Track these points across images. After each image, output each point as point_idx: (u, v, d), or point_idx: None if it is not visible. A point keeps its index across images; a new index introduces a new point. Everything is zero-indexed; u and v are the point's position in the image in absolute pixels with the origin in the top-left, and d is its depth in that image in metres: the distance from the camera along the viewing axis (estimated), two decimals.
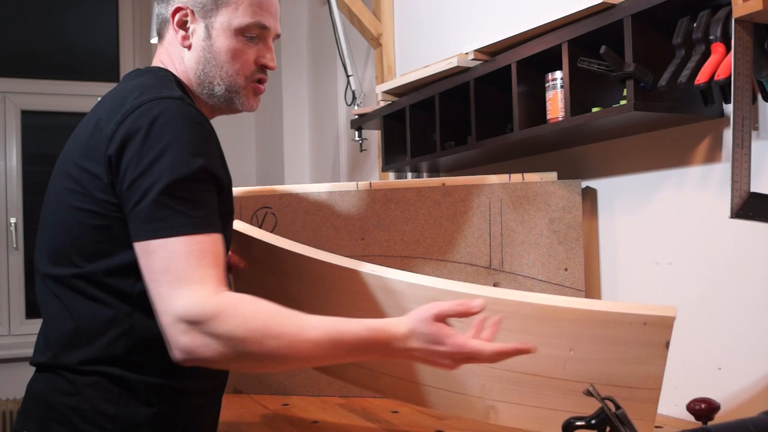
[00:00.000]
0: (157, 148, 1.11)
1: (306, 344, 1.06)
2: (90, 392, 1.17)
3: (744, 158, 1.25)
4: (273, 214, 1.89)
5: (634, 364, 1.21)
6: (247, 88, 1.29)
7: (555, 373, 1.30)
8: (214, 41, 1.25)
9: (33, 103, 3.88)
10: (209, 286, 1.07)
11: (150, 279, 1.09)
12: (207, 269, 1.08)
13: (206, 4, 1.25)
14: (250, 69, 1.27)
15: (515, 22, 1.86)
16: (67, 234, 1.19)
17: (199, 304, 1.05)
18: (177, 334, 1.06)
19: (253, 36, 1.26)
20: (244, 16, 1.24)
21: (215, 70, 1.26)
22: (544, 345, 1.26)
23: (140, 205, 1.10)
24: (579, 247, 1.76)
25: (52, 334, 1.21)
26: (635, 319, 1.19)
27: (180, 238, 1.08)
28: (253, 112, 1.33)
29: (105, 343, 1.17)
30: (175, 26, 1.26)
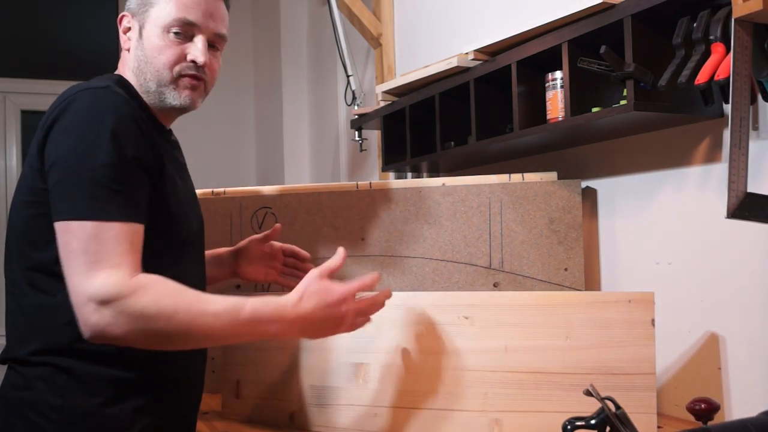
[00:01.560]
0: (77, 133, 1.16)
1: (208, 317, 1.14)
2: (39, 385, 1.21)
3: (741, 158, 1.26)
4: (273, 214, 1.89)
5: (627, 347, 1.34)
6: (177, 83, 1.30)
7: (554, 367, 1.35)
8: (145, 40, 1.30)
9: (33, 103, 3.88)
10: (124, 270, 1.13)
11: (66, 258, 1.14)
12: (123, 255, 1.14)
13: (140, 5, 1.31)
14: (178, 63, 1.29)
15: (515, 22, 1.86)
16: (17, 229, 1.26)
17: (113, 285, 1.11)
18: (88, 313, 1.11)
19: (179, 32, 1.29)
20: (171, 13, 1.28)
21: (146, 66, 1.30)
22: (542, 336, 1.38)
23: (61, 184, 1.16)
24: (579, 247, 1.76)
25: (9, 329, 1.27)
26: (621, 297, 1.37)
27: (101, 222, 1.13)
28: (195, 109, 1.35)
29: (51, 332, 1.21)
30: (122, 32, 1.33)
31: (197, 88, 1.33)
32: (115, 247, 1.13)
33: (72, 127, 1.17)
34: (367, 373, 1.48)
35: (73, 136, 1.16)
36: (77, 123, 1.17)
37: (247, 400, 1.63)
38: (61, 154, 1.17)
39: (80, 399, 1.21)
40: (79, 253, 1.13)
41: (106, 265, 1.12)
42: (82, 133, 1.16)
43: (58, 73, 3.94)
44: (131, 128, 1.19)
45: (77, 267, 1.13)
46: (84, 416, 1.20)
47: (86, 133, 1.16)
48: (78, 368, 1.20)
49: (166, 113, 1.36)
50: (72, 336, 1.19)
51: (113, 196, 1.15)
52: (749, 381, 1.44)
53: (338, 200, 1.87)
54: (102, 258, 1.12)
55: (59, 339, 1.21)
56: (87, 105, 1.19)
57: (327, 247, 1.86)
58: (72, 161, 1.15)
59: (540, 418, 1.36)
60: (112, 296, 1.11)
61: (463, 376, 1.41)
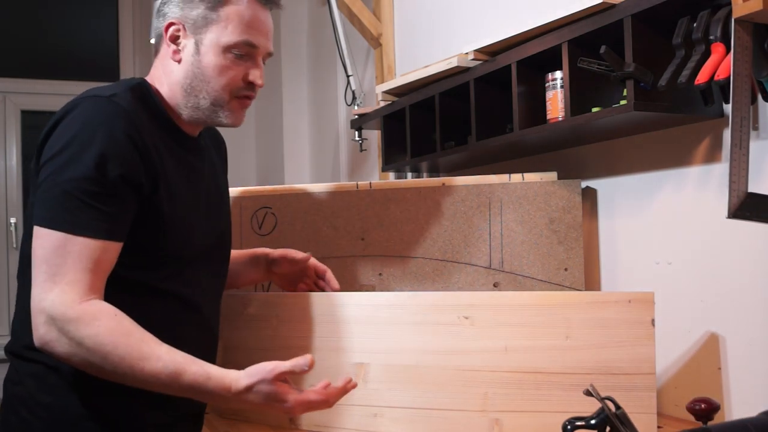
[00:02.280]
0: (64, 141, 1.16)
1: (144, 373, 1.12)
2: (30, 382, 1.23)
3: (742, 158, 1.26)
4: (273, 214, 1.89)
5: (627, 347, 1.34)
6: (232, 103, 1.30)
7: (554, 367, 1.35)
8: (203, 57, 1.27)
9: (33, 103, 3.88)
10: (77, 290, 1.12)
11: (33, 263, 1.16)
12: (81, 273, 1.13)
13: (197, 20, 1.27)
14: (237, 85, 1.29)
15: (515, 22, 1.86)
16: (25, 229, 1.26)
17: (62, 305, 1.11)
18: (38, 323, 1.13)
19: (241, 54, 1.27)
20: (233, 34, 1.26)
21: (202, 84, 1.28)
22: (542, 336, 1.38)
23: (42, 189, 1.17)
24: (579, 247, 1.76)
25: (14, 320, 1.29)
26: (621, 297, 1.36)
27: (66, 235, 1.14)
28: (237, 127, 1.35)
29: None
30: (168, 40, 1.29)
31: (247, 108, 1.34)
32: (75, 264, 1.13)
33: (63, 134, 1.17)
34: (367, 373, 1.48)
35: (61, 144, 1.16)
36: (68, 132, 1.17)
37: None
38: (48, 158, 1.17)
39: (69, 399, 1.21)
40: (41, 262, 1.14)
41: (62, 280, 1.12)
42: (70, 143, 1.16)
43: (58, 73, 3.95)
44: (121, 144, 1.17)
45: (38, 275, 1.14)
46: (73, 417, 1.21)
47: (73, 144, 1.16)
48: (68, 369, 1.20)
49: (195, 123, 1.34)
50: None
51: (86, 211, 1.14)
52: (749, 381, 1.44)
53: (338, 200, 1.87)
54: (60, 272, 1.12)
55: None
56: (83, 116, 1.18)
57: (327, 247, 1.86)
58: (54, 168, 1.16)
59: (540, 418, 1.36)
60: (59, 316, 1.11)
61: (463, 376, 1.40)
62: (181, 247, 1.29)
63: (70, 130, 1.17)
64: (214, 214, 1.42)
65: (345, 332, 1.50)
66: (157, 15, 1.32)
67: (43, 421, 1.21)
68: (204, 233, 1.36)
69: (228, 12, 1.26)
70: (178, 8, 1.28)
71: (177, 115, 1.32)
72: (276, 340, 1.57)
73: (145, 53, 4.00)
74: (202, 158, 1.39)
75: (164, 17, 1.30)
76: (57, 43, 3.99)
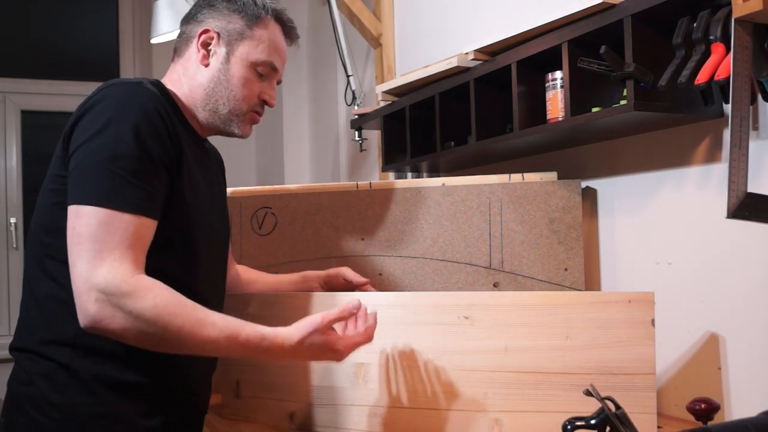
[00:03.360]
0: (101, 122, 1.18)
1: (203, 337, 1.15)
2: (41, 382, 1.23)
3: (742, 158, 1.26)
4: (273, 214, 1.89)
5: (627, 347, 1.34)
6: (246, 116, 1.39)
7: (554, 367, 1.35)
8: (231, 66, 1.36)
9: (33, 103, 3.88)
10: (128, 264, 1.14)
11: (73, 242, 1.15)
12: (129, 249, 1.15)
13: (232, 33, 1.36)
14: (254, 100, 1.39)
15: (515, 22, 1.86)
16: (39, 216, 1.28)
17: (116, 278, 1.12)
18: (89, 301, 1.12)
19: (262, 73, 1.38)
20: (262, 53, 1.37)
21: (225, 91, 1.36)
22: (542, 336, 1.38)
23: (78, 171, 1.17)
24: (579, 247, 1.76)
25: (21, 317, 1.30)
26: (621, 297, 1.36)
27: (112, 211, 1.14)
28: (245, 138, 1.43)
29: (59, 323, 1.22)
30: (199, 45, 1.36)
31: (256, 123, 1.43)
32: (123, 239, 1.14)
33: (98, 116, 1.19)
34: (367, 373, 1.48)
35: (97, 124, 1.18)
36: (103, 113, 1.19)
37: (247, 400, 1.63)
38: (84, 140, 1.18)
39: (80, 398, 1.21)
40: (86, 239, 1.13)
41: (110, 255, 1.13)
42: (107, 123, 1.18)
43: (58, 73, 3.95)
44: (155, 123, 1.21)
45: (83, 252, 1.13)
46: (83, 416, 1.21)
47: (110, 123, 1.18)
48: (79, 367, 1.21)
49: (208, 130, 1.41)
50: (78, 331, 1.19)
51: (128, 188, 1.16)
52: (749, 381, 1.44)
53: (338, 200, 1.87)
54: (108, 247, 1.13)
55: (65, 331, 1.22)
56: (116, 97, 1.21)
57: (327, 247, 1.86)
58: (93, 148, 1.17)
59: (540, 418, 1.36)
60: (113, 290, 1.11)
61: (463, 376, 1.41)
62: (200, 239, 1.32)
63: (105, 112, 1.19)
64: (223, 220, 1.47)
65: None
66: (190, 20, 1.39)
67: (56, 421, 1.21)
68: (216, 235, 1.41)
69: (261, 33, 1.37)
70: (215, 18, 1.37)
71: (191, 116, 1.37)
72: None
73: (145, 53, 4.00)
74: (211, 161, 1.46)
75: (199, 24, 1.37)
76: (57, 43, 3.99)
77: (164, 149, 1.22)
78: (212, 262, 1.39)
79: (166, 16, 2.64)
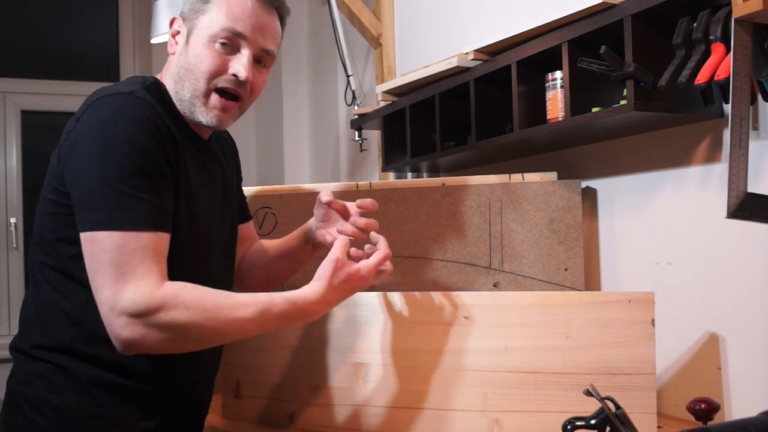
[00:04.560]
0: (100, 141, 1.14)
1: (239, 320, 1.15)
2: (37, 381, 1.23)
3: (741, 158, 1.25)
4: (273, 214, 1.89)
5: (627, 347, 1.34)
6: (209, 97, 1.26)
7: (554, 367, 1.36)
8: (190, 46, 1.26)
9: (33, 103, 3.88)
10: (151, 281, 1.12)
11: (94, 270, 1.13)
12: (150, 265, 1.13)
13: (191, 12, 1.27)
14: (217, 75, 1.25)
15: (515, 22, 1.86)
16: (39, 221, 1.26)
17: (142, 299, 1.10)
18: (119, 326, 1.11)
19: (225, 43, 1.24)
20: (219, 22, 1.24)
21: (186, 73, 1.26)
22: (542, 336, 1.38)
23: (87, 195, 1.14)
24: (579, 247, 1.76)
25: (21, 317, 1.30)
26: (621, 297, 1.36)
27: (128, 233, 1.12)
28: (222, 128, 1.32)
29: (56, 331, 1.22)
30: (170, 36, 1.30)
31: (229, 110, 1.28)
32: (143, 259, 1.12)
33: (92, 134, 1.15)
34: (367, 373, 1.48)
35: (94, 144, 1.15)
36: (98, 131, 1.15)
37: (247, 400, 1.63)
38: (84, 163, 1.15)
39: (76, 399, 1.21)
40: (106, 265, 1.11)
41: (133, 277, 1.11)
42: (104, 141, 1.14)
43: (58, 73, 3.94)
44: (152, 134, 1.17)
45: (105, 279, 1.11)
46: (79, 417, 1.21)
47: (107, 141, 1.14)
48: (76, 369, 1.21)
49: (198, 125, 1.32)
50: (74, 337, 1.20)
51: (138, 205, 1.13)
52: (749, 381, 1.44)
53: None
54: (129, 270, 1.11)
55: (62, 338, 1.22)
56: (107, 112, 1.17)
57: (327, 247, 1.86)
58: (95, 171, 1.14)
59: (540, 418, 1.36)
60: (143, 310, 1.10)
61: (463, 376, 1.41)
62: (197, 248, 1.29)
63: (102, 129, 1.15)
64: (225, 222, 1.43)
65: (345, 332, 1.50)
66: None
67: (50, 421, 1.21)
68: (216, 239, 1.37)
69: (219, 2, 1.25)
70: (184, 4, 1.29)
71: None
72: (276, 340, 1.57)
73: (145, 53, 4.00)
74: (213, 162, 1.39)
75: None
76: (57, 43, 3.98)
77: (166, 159, 1.19)
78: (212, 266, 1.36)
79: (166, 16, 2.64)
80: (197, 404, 1.38)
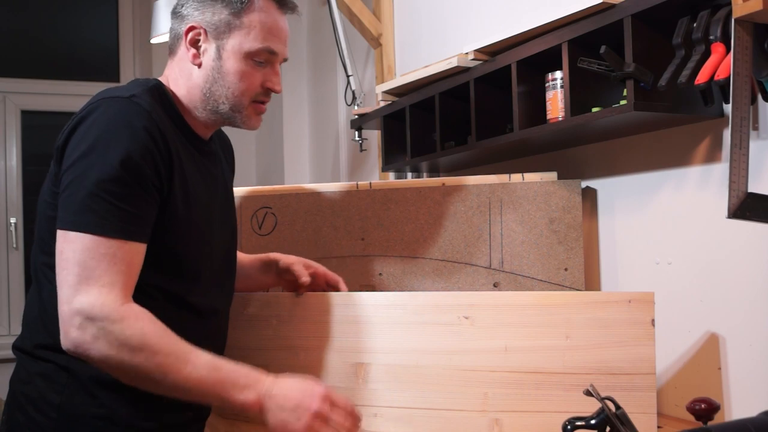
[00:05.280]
0: (88, 143, 1.15)
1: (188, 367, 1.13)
2: (39, 381, 1.23)
3: (742, 158, 1.25)
4: (273, 214, 1.89)
5: (627, 347, 1.34)
6: (249, 108, 1.32)
7: (554, 367, 1.35)
8: (224, 62, 1.28)
9: (33, 103, 3.88)
10: (117, 292, 1.12)
11: (60, 267, 1.14)
12: (117, 275, 1.13)
13: (219, 26, 1.27)
14: (256, 91, 1.31)
15: (515, 22, 1.86)
16: (40, 223, 1.26)
17: (104, 306, 1.10)
18: (71, 326, 1.11)
19: (261, 61, 1.29)
20: (255, 41, 1.28)
21: (222, 89, 1.29)
22: (542, 336, 1.38)
23: (66, 194, 1.15)
24: (579, 247, 1.76)
25: (25, 316, 1.30)
26: (621, 297, 1.37)
27: (98, 237, 1.13)
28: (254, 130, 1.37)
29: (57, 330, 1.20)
30: (188, 44, 1.29)
31: (263, 113, 1.35)
32: (110, 266, 1.12)
33: (86, 137, 1.16)
34: (367, 373, 1.48)
35: (84, 146, 1.16)
36: (92, 134, 1.16)
37: None
38: (71, 161, 1.16)
39: (78, 399, 1.22)
40: (72, 264, 1.12)
41: (97, 282, 1.12)
42: (94, 145, 1.15)
43: (58, 73, 3.94)
44: (144, 143, 1.17)
45: (69, 278, 1.12)
46: (81, 416, 1.21)
47: (97, 145, 1.15)
48: (79, 369, 1.21)
49: (212, 125, 1.35)
50: None
51: (114, 212, 1.14)
52: (749, 381, 1.43)
53: (338, 200, 1.87)
54: (94, 275, 1.12)
55: None
56: (105, 116, 1.17)
57: (327, 247, 1.86)
58: (79, 171, 1.15)
59: (540, 418, 1.36)
60: (100, 316, 1.10)
61: (463, 376, 1.40)
62: (197, 253, 1.29)
63: (93, 132, 1.16)
64: (227, 221, 1.43)
65: (345, 332, 1.50)
66: (174, 16, 1.32)
67: (53, 421, 1.21)
68: (218, 239, 1.37)
69: (251, 19, 1.28)
70: (199, 12, 1.28)
71: (192, 117, 1.32)
72: (276, 340, 1.57)
73: (145, 53, 4.00)
74: (214, 163, 1.40)
75: (183, 20, 1.30)
76: (57, 43, 3.98)
77: (154, 169, 1.18)
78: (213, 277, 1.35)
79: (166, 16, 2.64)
80: (198, 404, 1.38)
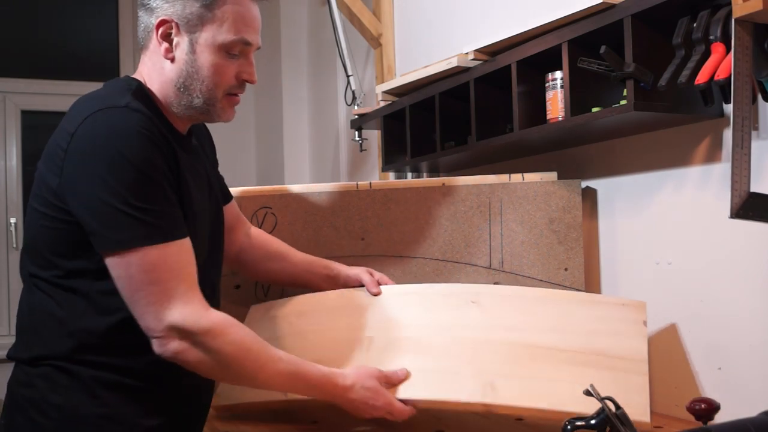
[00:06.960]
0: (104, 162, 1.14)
1: (274, 372, 1.24)
2: (40, 383, 1.23)
3: (743, 158, 1.25)
4: (273, 214, 1.89)
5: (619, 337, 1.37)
6: (224, 101, 1.30)
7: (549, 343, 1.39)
8: (198, 56, 1.25)
9: (33, 103, 3.88)
10: (196, 300, 1.18)
11: (133, 288, 1.15)
12: (188, 279, 1.18)
13: (191, 19, 1.24)
14: (230, 83, 1.29)
15: (515, 22, 1.86)
16: (30, 231, 1.26)
17: (192, 317, 1.16)
18: (167, 340, 1.16)
19: (235, 53, 1.27)
20: (229, 33, 1.25)
21: (196, 83, 1.27)
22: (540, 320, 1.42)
23: (103, 215, 1.14)
24: (579, 247, 1.76)
25: (18, 325, 1.29)
26: (614, 300, 1.44)
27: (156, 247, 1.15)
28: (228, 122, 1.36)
29: (53, 340, 1.22)
30: (159, 38, 1.26)
31: (237, 104, 1.34)
32: (180, 271, 1.17)
33: (95, 154, 1.14)
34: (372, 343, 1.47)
35: (100, 165, 1.14)
36: (101, 149, 1.14)
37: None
38: (92, 184, 1.14)
39: (80, 400, 1.21)
40: (146, 284, 1.14)
41: (176, 293, 1.16)
42: (109, 161, 1.14)
43: (58, 73, 3.94)
44: (154, 146, 1.17)
45: (148, 297, 1.15)
46: (82, 416, 1.21)
47: (113, 161, 1.14)
48: (80, 370, 1.21)
49: (187, 120, 1.33)
50: (73, 346, 1.20)
51: (160, 218, 1.16)
52: (749, 381, 1.43)
53: (338, 200, 1.87)
54: (171, 286, 1.16)
55: (60, 348, 1.22)
56: (106, 128, 1.16)
57: (327, 247, 1.86)
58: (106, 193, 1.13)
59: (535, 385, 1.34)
60: (193, 329, 1.16)
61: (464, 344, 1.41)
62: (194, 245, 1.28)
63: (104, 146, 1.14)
64: (215, 217, 1.43)
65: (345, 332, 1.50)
66: (143, 9, 1.29)
67: (54, 422, 1.21)
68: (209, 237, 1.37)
69: (224, 10, 1.24)
70: (169, 4, 1.25)
71: (170, 114, 1.30)
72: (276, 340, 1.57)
73: None
74: (199, 159, 1.40)
75: (152, 12, 1.26)
76: (57, 43, 3.98)
77: (168, 167, 1.20)
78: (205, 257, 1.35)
79: None
80: (200, 402, 1.39)
